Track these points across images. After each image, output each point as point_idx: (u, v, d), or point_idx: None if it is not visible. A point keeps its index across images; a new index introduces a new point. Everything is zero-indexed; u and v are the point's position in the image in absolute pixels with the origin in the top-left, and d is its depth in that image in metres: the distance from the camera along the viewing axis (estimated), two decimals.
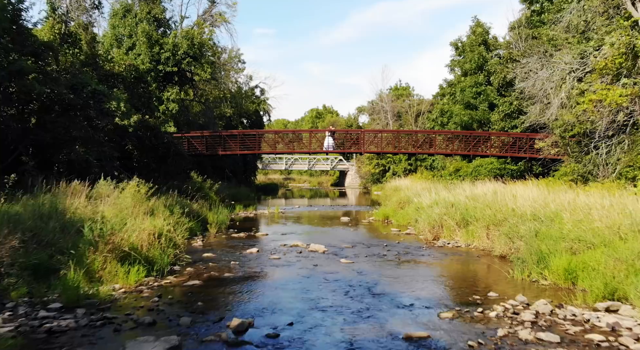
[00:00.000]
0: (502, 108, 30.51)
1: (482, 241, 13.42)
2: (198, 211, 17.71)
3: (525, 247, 10.72)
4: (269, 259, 11.63)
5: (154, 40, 30.24)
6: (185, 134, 27.70)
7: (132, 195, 12.06)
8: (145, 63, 29.76)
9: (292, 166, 67.97)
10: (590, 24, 21.28)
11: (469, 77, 34.67)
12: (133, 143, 25.44)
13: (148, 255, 9.80)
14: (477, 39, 35.61)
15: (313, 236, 16.03)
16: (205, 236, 15.56)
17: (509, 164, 31.16)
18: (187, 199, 19.17)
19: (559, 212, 12.09)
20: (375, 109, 58.57)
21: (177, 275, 9.66)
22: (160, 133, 25.41)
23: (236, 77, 46.99)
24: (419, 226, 16.50)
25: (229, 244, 14.02)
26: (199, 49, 30.95)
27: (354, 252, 12.88)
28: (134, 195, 12.11)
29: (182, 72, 31.87)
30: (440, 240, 14.77)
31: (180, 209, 15.84)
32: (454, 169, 33.85)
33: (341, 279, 9.61)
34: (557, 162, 27.18)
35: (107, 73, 22.63)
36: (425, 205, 17.93)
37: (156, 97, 30.19)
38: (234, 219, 21.11)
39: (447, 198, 17.44)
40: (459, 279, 10.17)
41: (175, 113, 30.44)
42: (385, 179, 49.00)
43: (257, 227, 18.40)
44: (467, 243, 13.95)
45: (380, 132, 30.21)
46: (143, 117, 21.51)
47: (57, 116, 20.08)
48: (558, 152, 27.11)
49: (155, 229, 10.69)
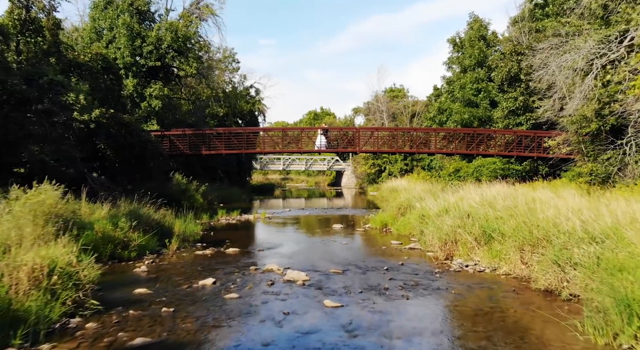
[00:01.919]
0: (506, 104, 26.42)
1: (515, 266, 9.37)
2: (160, 220, 13.64)
3: (595, 287, 6.67)
4: (223, 299, 7.57)
5: (136, 33, 26.19)
6: (166, 133, 23.64)
7: (32, 208, 7.95)
8: (125, 57, 25.73)
9: (290, 166, 64.02)
10: (612, 6, 17.26)
11: (468, 73, 30.62)
12: (106, 142, 21.50)
13: (21, 308, 5.77)
14: (476, 34, 31.56)
15: (296, 253, 11.98)
16: (160, 255, 11.50)
17: (513, 164, 27.10)
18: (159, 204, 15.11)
19: (617, 227, 8.09)
20: (371, 109, 54.52)
21: (61, 341, 5.62)
22: (136, 130, 21.39)
23: (230, 77, 43.00)
24: (425, 239, 12.46)
25: (183, 269, 9.95)
26: (184, 43, 26.91)
27: (345, 281, 8.82)
28: (36, 208, 8.00)
29: (166, 68, 27.82)
30: (454, 260, 10.74)
31: (134, 219, 11.84)
32: (453, 169, 29.77)
33: (321, 348, 5.56)
34: (568, 162, 23.21)
35: (71, 63, 18.56)
36: (432, 212, 13.89)
37: (137, 93, 26.16)
38: (211, 227, 17.06)
39: (458, 204, 13.40)
40: (501, 338, 6.11)
41: (158, 110, 26.37)
42: (381, 179, 44.93)
43: (233, 238, 14.36)
44: (491, 266, 9.91)
45: (377, 130, 26.12)
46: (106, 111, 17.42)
47: (9, 111, 16.12)
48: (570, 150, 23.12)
49: (50, 260, 6.63)
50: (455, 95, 31.53)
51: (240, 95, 42.04)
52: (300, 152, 23.97)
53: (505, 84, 27.25)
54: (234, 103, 39.86)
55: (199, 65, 27.95)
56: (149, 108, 26.04)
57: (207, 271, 9.62)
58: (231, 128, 29.05)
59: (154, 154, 21.65)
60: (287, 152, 25.23)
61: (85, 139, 20.39)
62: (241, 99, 41.60)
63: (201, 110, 34.29)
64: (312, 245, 13.07)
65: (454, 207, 13.44)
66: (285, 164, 60.97)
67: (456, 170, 29.39)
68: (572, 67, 16.71)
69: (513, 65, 25.91)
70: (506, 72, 26.31)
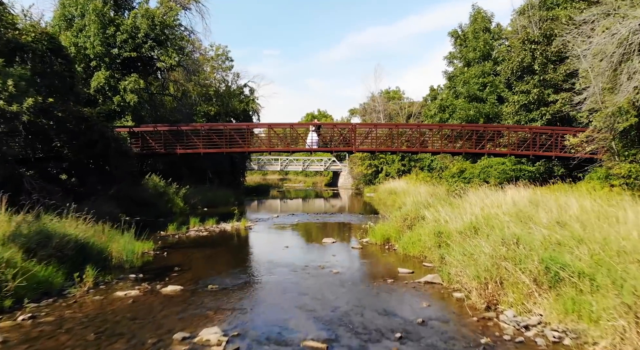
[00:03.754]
0: (517, 98, 22.00)
1: (626, 340, 5.00)
2: (87, 241, 9.25)
3: None
4: None
5: (108, 20, 21.76)
6: (136, 129, 19.25)
7: None
8: (96, 46, 21.30)
9: (287, 167, 59.58)
10: None
11: (473, 67, 26.20)
12: (63, 139, 17.14)
13: None
14: (480, 25, 27.16)
15: (261, 299, 7.58)
16: (59, 299, 7.12)
17: (525, 165, 22.72)
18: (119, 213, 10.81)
19: None
20: (367, 110, 50.12)
21: None
22: (97, 126, 17.01)
23: (223, 75, 38.58)
24: (447, 269, 8.10)
25: (66, 336, 5.58)
26: (162, 31, 22.47)
27: None
28: None
29: (144, 59, 23.38)
30: (502, 312, 6.39)
31: (39, 240, 7.55)
32: (457, 170, 25.37)
33: None
34: (593, 162, 18.88)
35: (9, 43, 14.18)
36: (453, 228, 9.53)
37: (110, 86, 21.76)
38: (171, 243, 12.68)
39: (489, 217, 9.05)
40: None
41: (134, 105, 21.99)
42: (378, 179, 40.49)
43: (187, 263, 10.01)
44: (572, 331, 5.53)
45: (375, 126, 21.68)
46: (43, 101, 13.03)
47: None
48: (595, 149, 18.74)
49: None
50: (459, 91, 27.08)
51: (234, 94, 37.62)
52: (289, 150, 19.62)
53: (515, 76, 22.88)
54: (226, 102, 35.43)
55: (180, 56, 23.54)
56: (123, 103, 21.63)
57: (106, 340, 5.27)
58: (211, 124, 24.64)
59: (119, 153, 17.29)
60: (274, 150, 20.85)
61: (35, 136, 16.08)
62: (234, 98, 37.18)
63: (189, 108, 29.88)
64: (288, 280, 8.68)
65: (484, 221, 9.09)
66: (282, 164, 56.73)
67: (461, 171, 25.00)
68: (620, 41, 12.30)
69: (526, 55, 21.53)
70: (518, 63, 21.94)
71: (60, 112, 16.20)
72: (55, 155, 17.13)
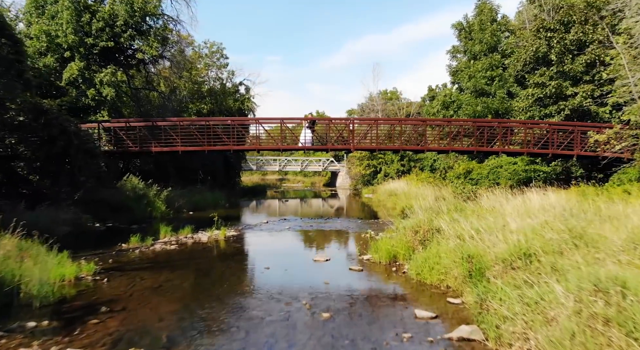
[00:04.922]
0: (532, 91, 18.94)
1: None
2: None
3: None
4: None
5: (83, 6, 18.75)
6: (105, 124, 16.21)
7: None
8: (68, 34, 18.30)
9: (286, 167, 56.54)
10: None
11: (480, 60, 23.18)
12: (18, 135, 14.17)
13: None
14: (487, 17, 24.14)
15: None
16: None
17: (539, 165, 19.69)
18: None
19: None
20: (365, 110, 47.14)
21: None
22: (57, 120, 13.99)
23: (218, 73, 35.57)
24: (495, 321, 5.08)
25: None
26: (142, 19, 19.47)
27: None
28: None
29: (123, 50, 20.38)
30: None
31: None
32: (464, 170, 22.32)
33: None
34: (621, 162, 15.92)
35: None
36: (494, 255, 6.52)
37: (84, 78, 18.76)
38: (120, 264, 9.65)
39: (549, 241, 6.04)
40: None
41: (111, 100, 18.97)
42: (377, 180, 37.44)
43: (128, 296, 7.01)
44: None
45: (376, 121, 18.61)
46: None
47: None
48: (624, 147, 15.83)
49: None
50: (465, 85, 24.02)
51: (229, 92, 34.62)
52: (279, 149, 16.61)
53: (528, 67, 19.83)
54: (220, 100, 32.42)
55: (163, 47, 20.54)
56: (99, 97, 18.62)
57: None
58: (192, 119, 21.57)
59: (82, 151, 14.26)
60: (262, 149, 17.78)
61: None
62: (229, 96, 34.16)
63: (178, 105, 26.85)
64: (253, 339, 5.66)
65: (538, 244, 6.08)
66: (281, 165, 53.75)
67: (467, 171, 21.96)
68: None
69: (541, 44, 18.49)
70: (532, 53, 18.90)
71: (11, 103, 13.18)
72: (10, 155, 14.12)
